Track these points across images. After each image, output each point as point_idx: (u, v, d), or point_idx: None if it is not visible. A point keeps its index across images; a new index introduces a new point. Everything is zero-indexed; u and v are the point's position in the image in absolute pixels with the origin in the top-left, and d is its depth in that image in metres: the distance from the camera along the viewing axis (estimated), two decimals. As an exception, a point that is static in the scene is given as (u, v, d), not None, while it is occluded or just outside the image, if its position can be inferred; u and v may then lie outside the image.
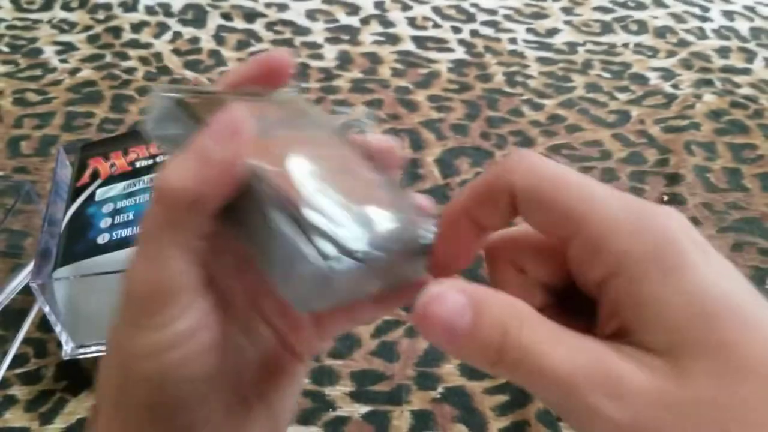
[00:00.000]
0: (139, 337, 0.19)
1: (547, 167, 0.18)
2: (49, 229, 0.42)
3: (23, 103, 0.63)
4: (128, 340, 0.19)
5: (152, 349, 0.19)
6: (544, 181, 0.18)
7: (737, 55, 0.73)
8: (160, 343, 0.19)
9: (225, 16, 0.76)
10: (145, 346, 0.19)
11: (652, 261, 0.17)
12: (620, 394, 0.16)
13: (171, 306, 0.19)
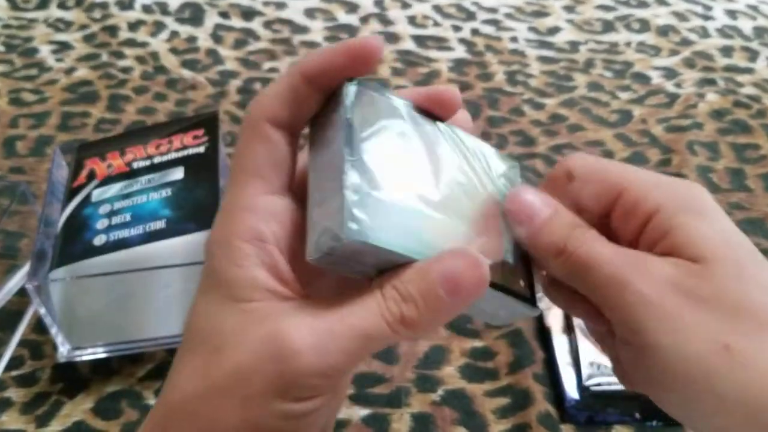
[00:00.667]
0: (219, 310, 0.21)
1: (591, 155, 0.24)
2: (44, 230, 0.42)
3: (19, 103, 0.63)
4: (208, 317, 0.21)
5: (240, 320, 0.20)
6: (592, 161, 0.24)
7: (740, 54, 0.72)
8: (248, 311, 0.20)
9: (222, 14, 0.75)
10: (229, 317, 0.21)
11: (687, 203, 0.22)
12: (651, 274, 0.21)
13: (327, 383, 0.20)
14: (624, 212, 0.22)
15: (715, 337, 0.20)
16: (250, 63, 0.69)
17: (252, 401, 0.19)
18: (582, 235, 0.22)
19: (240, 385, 0.19)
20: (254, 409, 0.19)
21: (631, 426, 0.41)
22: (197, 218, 0.40)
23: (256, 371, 0.19)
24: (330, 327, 0.19)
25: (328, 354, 0.19)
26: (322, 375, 0.19)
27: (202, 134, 0.46)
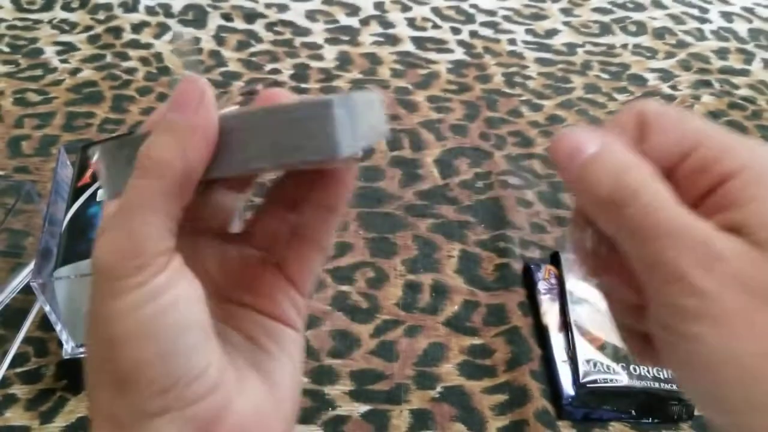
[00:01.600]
0: (120, 299, 0.18)
1: (663, 109, 0.20)
2: (49, 228, 0.42)
3: (24, 103, 0.64)
4: (107, 306, 0.18)
5: (135, 302, 0.18)
6: (668, 108, 0.20)
7: (736, 56, 0.73)
8: (142, 295, 0.18)
9: (225, 16, 0.76)
10: (127, 303, 0.18)
11: (766, 172, 0.18)
12: (712, 267, 0.17)
13: (149, 266, 0.18)
14: (694, 170, 0.19)
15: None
16: (253, 64, 0.69)
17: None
18: (640, 177, 0.18)
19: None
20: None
21: (626, 423, 0.41)
22: (200, 217, 0.41)
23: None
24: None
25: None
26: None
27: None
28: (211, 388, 0.19)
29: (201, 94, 0.19)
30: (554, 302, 0.46)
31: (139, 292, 0.18)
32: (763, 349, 0.17)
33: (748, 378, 0.17)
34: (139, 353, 0.18)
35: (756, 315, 0.17)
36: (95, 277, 0.19)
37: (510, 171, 0.57)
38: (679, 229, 0.18)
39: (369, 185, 0.57)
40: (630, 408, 0.41)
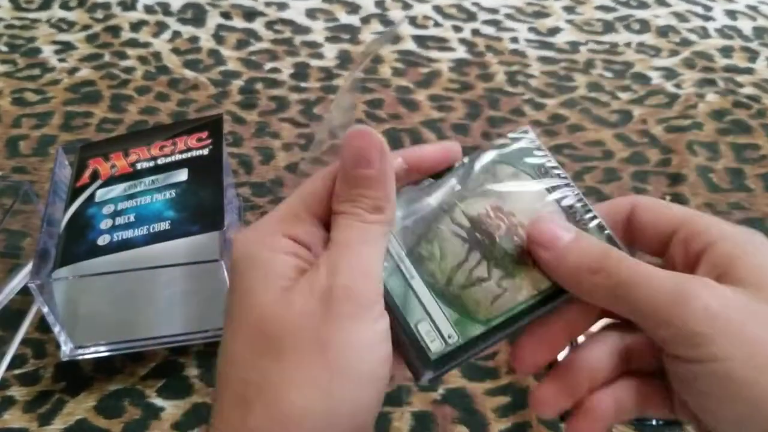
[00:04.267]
0: (357, 328, 0.21)
1: (653, 198, 0.26)
2: (47, 229, 0.42)
3: (22, 103, 0.63)
4: (340, 331, 0.21)
5: (373, 338, 0.22)
6: (655, 199, 0.26)
7: (740, 54, 0.72)
8: (379, 332, 0.22)
9: (224, 15, 0.76)
10: (365, 335, 0.21)
11: (749, 238, 0.23)
12: (714, 288, 0.21)
13: (378, 304, 0.22)
14: (685, 239, 0.24)
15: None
16: (252, 63, 0.69)
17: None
18: (618, 254, 0.23)
19: None
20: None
21: (630, 425, 0.41)
22: (201, 220, 0.41)
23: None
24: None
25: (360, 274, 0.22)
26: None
27: (206, 136, 0.46)
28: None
29: (381, 147, 0.23)
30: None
31: (377, 327, 0.22)
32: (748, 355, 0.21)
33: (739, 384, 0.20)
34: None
35: (761, 330, 0.21)
36: (341, 299, 0.22)
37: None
38: (673, 274, 0.22)
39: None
40: (634, 410, 0.41)
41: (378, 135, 0.23)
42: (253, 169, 0.57)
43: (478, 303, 0.24)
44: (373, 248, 0.23)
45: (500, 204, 0.26)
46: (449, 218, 0.25)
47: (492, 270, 0.25)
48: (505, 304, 0.24)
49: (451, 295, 0.24)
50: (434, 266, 0.24)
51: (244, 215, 0.53)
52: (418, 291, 0.24)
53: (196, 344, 0.44)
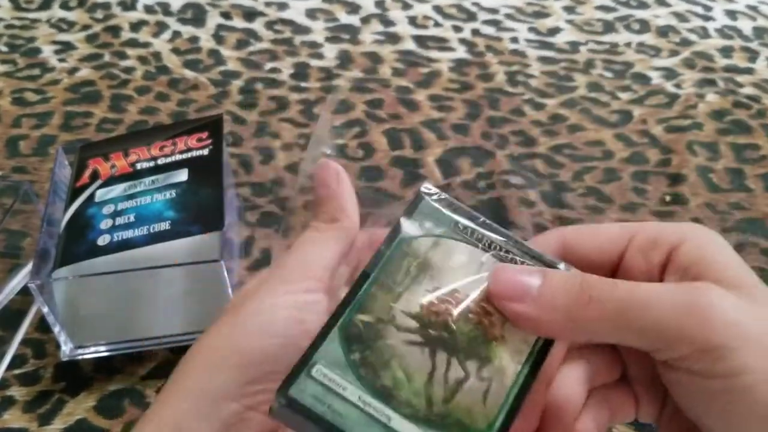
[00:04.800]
0: (271, 293, 0.23)
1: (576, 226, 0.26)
2: (47, 229, 0.42)
3: (22, 103, 0.63)
4: (272, 295, 0.23)
5: (284, 302, 0.23)
6: (582, 227, 0.25)
7: (740, 54, 0.72)
8: (296, 300, 0.23)
9: (224, 15, 0.76)
10: (276, 299, 0.23)
11: (706, 237, 0.23)
12: (722, 294, 0.20)
13: (319, 278, 0.24)
14: (642, 249, 0.23)
15: None
16: (252, 63, 0.69)
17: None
18: (599, 279, 0.21)
19: None
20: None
21: (630, 425, 0.41)
22: (202, 220, 0.41)
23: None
24: None
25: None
26: None
27: (206, 137, 0.46)
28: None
29: (336, 173, 0.27)
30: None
31: (298, 297, 0.23)
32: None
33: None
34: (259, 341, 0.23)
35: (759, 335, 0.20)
36: (271, 275, 0.24)
37: (512, 171, 0.57)
38: (672, 287, 0.21)
39: (370, 185, 0.56)
40: (634, 410, 0.41)
41: (336, 165, 0.27)
42: (253, 169, 0.57)
43: (471, 410, 0.20)
44: (319, 247, 0.25)
45: (437, 284, 0.22)
46: (394, 328, 0.21)
47: (466, 364, 0.21)
48: (498, 396, 0.21)
49: (439, 417, 0.20)
50: (405, 393, 0.20)
51: (244, 215, 0.53)
52: (401, 431, 0.20)
53: (196, 344, 0.44)
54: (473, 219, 0.24)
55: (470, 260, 0.23)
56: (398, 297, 0.22)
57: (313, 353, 0.21)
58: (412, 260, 0.23)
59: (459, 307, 0.22)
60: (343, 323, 0.21)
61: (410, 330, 0.22)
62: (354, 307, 0.22)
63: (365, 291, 0.22)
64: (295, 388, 0.20)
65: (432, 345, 0.21)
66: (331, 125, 0.57)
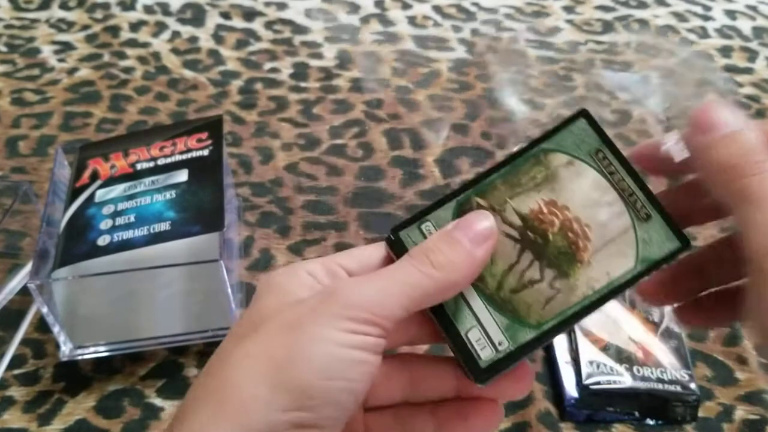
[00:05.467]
0: (330, 324, 0.21)
1: None
2: (47, 229, 0.42)
3: (21, 103, 0.63)
4: (333, 330, 0.21)
5: (342, 340, 0.21)
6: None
7: (739, 54, 0.72)
8: (350, 341, 0.22)
9: (224, 15, 0.76)
10: (335, 334, 0.21)
11: None
12: None
13: (383, 326, 0.22)
14: None
15: None
16: (252, 63, 0.69)
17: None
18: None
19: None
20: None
21: (630, 424, 0.41)
22: (202, 221, 0.41)
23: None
24: (380, 283, 0.23)
25: (383, 301, 0.22)
26: (380, 318, 0.22)
27: (206, 137, 0.46)
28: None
29: (490, 233, 0.23)
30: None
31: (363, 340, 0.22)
32: None
33: None
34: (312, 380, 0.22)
35: None
36: (334, 299, 0.22)
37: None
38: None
39: (369, 185, 0.56)
40: (633, 409, 0.41)
41: (495, 227, 0.24)
42: (252, 169, 0.57)
43: (530, 307, 0.23)
44: (405, 291, 0.22)
45: (554, 197, 0.24)
46: (500, 218, 0.24)
47: (544, 271, 0.24)
48: (558, 306, 0.23)
49: (502, 300, 0.23)
50: (484, 272, 0.24)
51: (244, 215, 0.53)
52: (468, 297, 0.23)
53: (196, 344, 0.44)
54: (616, 154, 0.25)
55: (594, 188, 0.25)
56: (515, 195, 0.25)
57: (430, 212, 0.24)
58: (542, 169, 0.25)
59: (563, 222, 0.24)
60: (461, 199, 0.25)
61: (513, 226, 0.24)
62: (476, 190, 0.25)
63: (491, 180, 0.25)
64: (404, 231, 0.25)
65: (524, 245, 0.24)
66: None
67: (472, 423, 0.25)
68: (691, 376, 0.41)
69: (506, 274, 0.24)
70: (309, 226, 0.52)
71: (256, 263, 0.49)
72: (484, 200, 0.24)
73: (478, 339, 0.23)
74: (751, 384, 0.43)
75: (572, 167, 0.25)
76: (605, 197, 0.24)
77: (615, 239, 0.24)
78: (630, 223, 0.24)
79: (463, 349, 0.23)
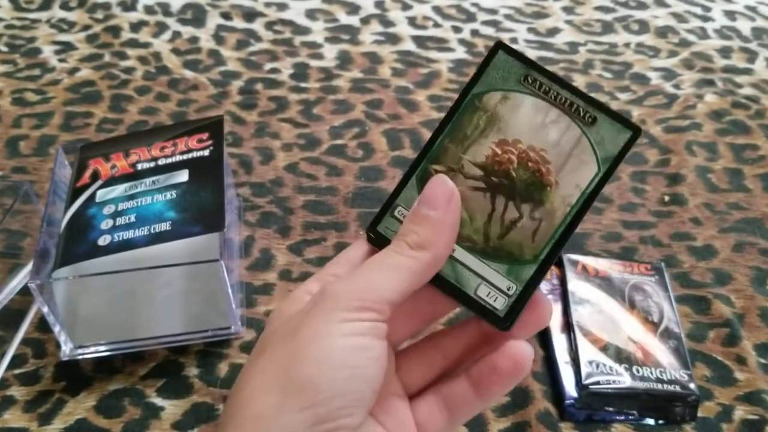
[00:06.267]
0: (327, 320, 0.22)
1: None
2: (47, 229, 0.42)
3: (22, 103, 0.63)
4: (328, 324, 0.22)
5: (343, 331, 0.22)
6: None
7: (739, 55, 0.73)
8: (360, 328, 0.22)
9: (224, 15, 0.76)
10: (334, 328, 0.22)
11: None
12: None
13: (378, 314, 0.23)
14: None
15: None
16: (252, 64, 0.69)
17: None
18: None
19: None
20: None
21: (629, 424, 0.41)
22: (202, 221, 0.41)
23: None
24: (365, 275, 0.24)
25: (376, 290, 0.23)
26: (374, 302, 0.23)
27: (207, 138, 0.46)
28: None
29: (450, 196, 0.24)
30: (556, 303, 0.45)
31: (360, 325, 0.22)
32: None
33: None
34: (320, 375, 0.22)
35: None
36: (324, 299, 0.23)
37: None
38: None
39: (369, 185, 0.56)
40: (633, 409, 0.41)
41: (452, 186, 0.24)
42: (252, 169, 0.57)
43: (521, 245, 0.24)
44: (390, 275, 0.23)
45: (502, 136, 0.25)
46: (462, 176, 0.25)
47: (521, 207, 0.24)
48: (546, 233, 0.24)
49: (494, 249, 0.24)
50: (468, 230, 0.24)
51: (244, 215, 0.53)
52: (464, 260, 0.24)
53: (196, 344, 0.44)
54: (543, 72, 0.25)
55: (535, 113, 0.25)
56: (467, 149, 0.25)
57: (396, 198, 0.25)
58: (481, 114, 0.25)
59: (519, 156, 0.25)
60: (419, 172, 0.25)
61: (475, 177, 0.25)
62: (429, 158, 0.25)
63: (439, 143, 0.25)
64: (381, 225, 0.25)
65: (493, 190, 0.24)
66: None
67: (503, 370, 0.25)
68: (690, 376, 0.41)
69: (488, 224, 0.24)
70: (309, 226, 0.53)
71: (256, 263, 0.50)
72: (440, 165, 0.25)
73: (488, 293, 0.24)
74: (750, 384, 0.43)
75: (508, 101, 0.25)
76: (548, 117, 0.25)
77: (572, 152, 0.24)
78: (579, 131, 0.24)
79: (479, 308, 0.24)
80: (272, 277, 0.48)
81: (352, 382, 0.22)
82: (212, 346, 0.44)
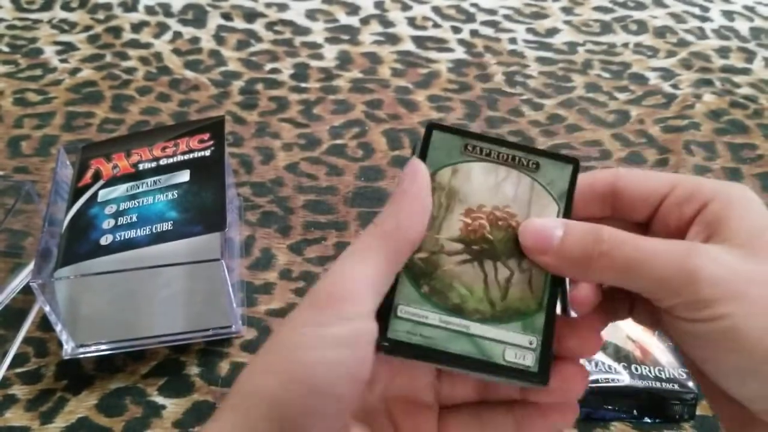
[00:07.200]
0: (315, 330, 0.21)
1: (633, 169, 0.27)
2: (49, 229, 0.42)
3: (23, 103, 0.63)
4: (301, 334, 0.21)
5: (324, 340, 0.21)
6: (635, 169, 0.26)
7: (737, 55, 0.73)
8: (335, 335, 0.21)
9: (225, 16, 0.76)
10: (317, 337, 0.21)
11: (735, 196, 0.24)
12: (715, 257, 0.22)
13: (352, 304, 0.22)
14: (678, 202, 0.25)
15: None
16: (252, 64, 0.69)
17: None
18: (610, 233, 0.24)
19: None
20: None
21: (628, 423, 0.41)
22: (203, 221, 0.41)
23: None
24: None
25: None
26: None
27: (208, 138, 0.47)
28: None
29: (413, 173, 0.24)
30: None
31: (333, 330, 0.21)
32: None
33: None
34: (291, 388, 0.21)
35: (759, 291, 0.22)
36: (307, 302, 0.22)
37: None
38: (671, 245, 0.23)
39: (369, 185, 0.56)
40: (632, 408, 0.41)
41: (423, 167, 0.24)
42: (253, 169, 0.58)
43: (523, 299, 0.25)
44: (362, 264, 0.22)
45: (466, 206, 0.26)
46: (445, 255, 0.25)
47: (508, 263, 0.25)
48: (539, 279, 0.25)
49: (501, 312, 0.25)
50: (472, 303, 0.25)
51: (245, 215, 0.54)
52: (481, 333, 0.24)
53: (197, 343, 0.44)
54: (478, 138, 0.27)
55: (487, 175, 0.26)
56: (440, 229, 0.25)
57: (393, 299, 0.24)
58: (440, 192, 0.26)
59: (488, 219, 0.25)
60: (406, 267, 0.25)
61: (458, 252, 0.25)
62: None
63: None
64: (391, 330, 0.24)
65: (479, 258, 0.25)
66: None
67: (551, 418, 0.25)
68: (688, 374, 0.41)
69: (487, 291, 0.25)
70: (309, 225, 0.53)
71: (256, 262, 0.50)
72: (422, 252, 0.25)
73: (515, 354, 0.24)
74: (747, 382, 0.43)
75: (458, 173, 0.26)
76: (499, 176, 0.26)
77: (531, 199, 0.26)
78: (530, 179, 0.26)
79: (513, 372, 0.24)
80: (273, 276, 0.49)
81: (321, 400, 0.21)
82: (213, 345, 0.44)
